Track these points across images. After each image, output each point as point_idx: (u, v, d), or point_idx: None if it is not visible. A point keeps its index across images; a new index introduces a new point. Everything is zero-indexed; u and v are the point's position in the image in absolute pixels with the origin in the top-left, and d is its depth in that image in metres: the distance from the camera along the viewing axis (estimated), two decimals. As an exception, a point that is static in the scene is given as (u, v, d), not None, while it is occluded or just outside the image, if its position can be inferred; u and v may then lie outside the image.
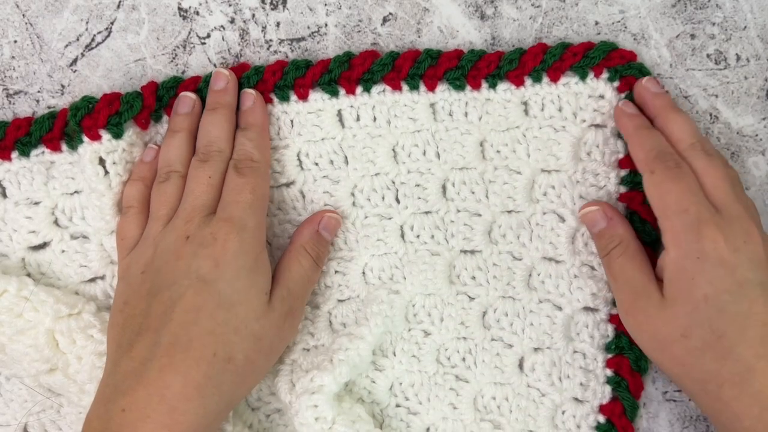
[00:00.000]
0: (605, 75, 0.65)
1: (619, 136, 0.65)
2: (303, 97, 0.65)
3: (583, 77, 0.65)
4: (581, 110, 0.66)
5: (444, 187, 0.67)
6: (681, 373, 0.58)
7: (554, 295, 0.66)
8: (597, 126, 0.66)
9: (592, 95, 0.65)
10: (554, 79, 0.65)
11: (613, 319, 0.66)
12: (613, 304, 0.65)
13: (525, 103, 0.66)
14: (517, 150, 0.66)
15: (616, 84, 0.65)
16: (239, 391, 0.58)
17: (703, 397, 0.57)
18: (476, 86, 0.65)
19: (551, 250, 0.66)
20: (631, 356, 0.64)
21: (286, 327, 0.61)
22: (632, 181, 0.65)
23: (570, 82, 0.65)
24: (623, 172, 0.65)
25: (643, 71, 0.64)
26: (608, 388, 0.65)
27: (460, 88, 0.65)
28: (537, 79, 0.65)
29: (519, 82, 0.65)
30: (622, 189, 0.66)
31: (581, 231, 0.66)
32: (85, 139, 0.62)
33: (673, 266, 0.57)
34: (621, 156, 0.65)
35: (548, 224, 0.67)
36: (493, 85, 0.65)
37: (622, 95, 0.65)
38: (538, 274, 0.66)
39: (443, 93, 0.65)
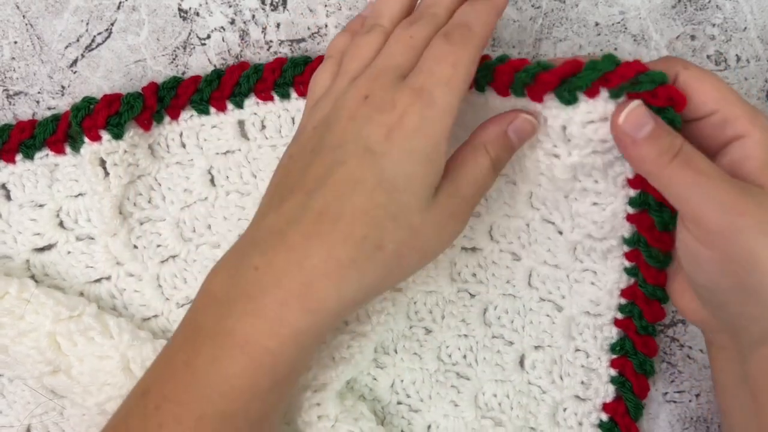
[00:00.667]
0: (604, 95, 0.50)
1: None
2: (303, 94, 0.65)
3: (570, 102, 0.51)
4: (570, 140, 0.54)
5: None
6: None
7: (555, 296, 0.66)
8: (595, 152, 0.54)
9: (588, 121, 0.52)
10: (536, 100, 0.53)
11: (619, 323, 0.64)
12: (619, 309, 0.63)
13: None
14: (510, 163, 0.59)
15: (621, 100, 0.50)
16: (381, 285, 0.52)
17: None
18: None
19: (550, 258, 0.65)
20: (635, 361, 0.63)
21: (447, 229, 0.53)
22: (643, 202, 0.56)
23: (554, 104, 0.53)
24: (633, 193, 0.56)
25: (655, 80, 0.49)
26: (612, 387, 0.65)
27: None
28: (519, 95, 0.54)
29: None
30: (630, 210, 0.57)
31: (582, 243, 0.62)
32: (86, 139, 0.62)
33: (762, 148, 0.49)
34: (630, 175, 0.55)
35: (546, 233, 0.64)
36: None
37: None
38: (538, 275, 0.66)
39: None
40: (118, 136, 0.62)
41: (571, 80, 0.50)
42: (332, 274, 0.48)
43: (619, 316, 0.64)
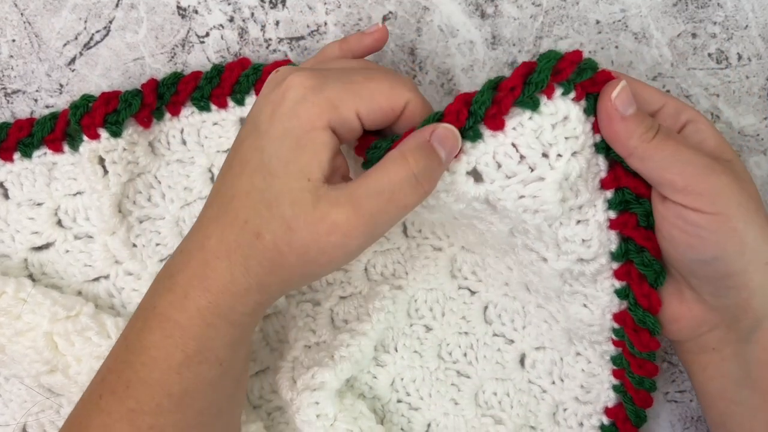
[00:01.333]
0: (558, 92, 0.51)
1: (597, 150, 0.54)
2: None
3: (535, 107, 0.50)
4: (552, 146, 0.51)
5: None
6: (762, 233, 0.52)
7: (551, 308, 0.64)
8: (575, 154, 0.52)
9: (556, 122, 0.51)
10: (497, 127, 0.51)
11: (616, 342, 0.60)
12: (613, 332, 0.60)
13: (472, 172, 0.53)
14: (481, 213, 0.56)
15: (572, 96, 0.51)
16: (269, 278, 0.51)
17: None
18: None
19: (538, 281, 0.61)
20: (633, 380, 0.60)
21: (330, 240, 0.49)
22: (622, 201, 0.55)
23: (522, 120, 0.51)
24: (609, 194, 0.55)
25: (594, 67, 0.51)
26: (614, 394, 0.63)
27: None
28: (475, 137, 0.52)
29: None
30: (612, 214, 0.55)
31: (570, 269, 0.58)
32: (85, 138, 0.62)
33: (712, 130, 0.55)
34: (603, 175, 0.55)
35: (530, 258, 0.59)
36: None
37: (582, 102, 0.52)
38: (532, 285, 0.64)
39: None
40: (116, 134, 0.62)
41: (531, 79, 0.50)
42: (222, 255, 0.51)
43: (615, 337, 0.60)
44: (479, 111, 0.50)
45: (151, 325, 0.52)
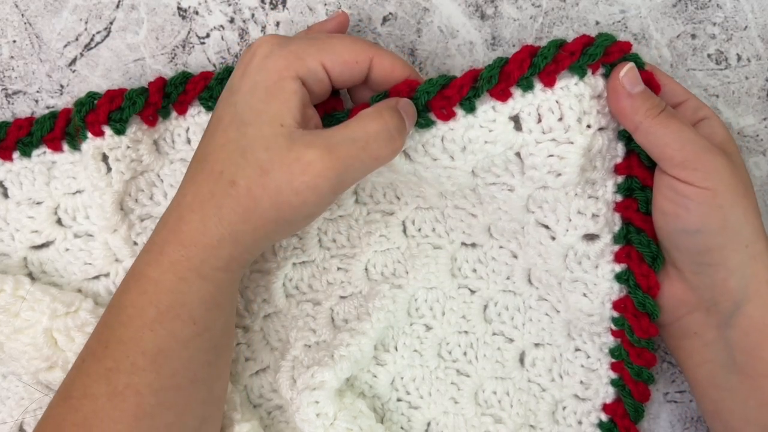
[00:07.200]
0: (601, 70, 0.56)
1: (619, 137, 0.59)
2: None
3: (582, 76, 0.56)
4: (586, 114, 0.56)
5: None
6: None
7: (552, 298, 0.65)
8: (601, 129, 0.58)
9: (593, 95, 0.56)
10: (549, 83, 0.56)
11: (615, 333, 0.63)
12: (612, 321, 0.62)
13: (514, 119, 0.57)
14: (510, 168, 0.59)
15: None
16: (242, 226, 0.53)
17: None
18: (446, 117, 0.57)
19: (542, 263, 0.63)
20: (632, 371, 0.63)
21: (305, 181, 0.51)
22: (628, 188, 0.59)
23: (569, 83, 0.56)
24: (620, 179, 0.60)
25: (638, 63, 0.57)
26: (612, 389, 0.65)
27: (426, 126, 0.58)
28: (528, 87, 0.56)
29: (505, 96, 0.56)
30: (618, 197, 0.60)
31: (575, 248, 0.61)
32: (89, 134, 0.62)
33: (722, 127, 0.60)
34: (619, 160, 0.59)
35: (539, 237, 0.62)
36: (470, 109, 0.57)
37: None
38: (536, 275, 0.65)
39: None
40: (120, 131, 0.62)
41: (588, 50, 0.55)
42: (196, 207, 0.53)
43: (614, 327, 0.63)
44: (540, 63, 0.55)
45: (129, 285, 0.55)
